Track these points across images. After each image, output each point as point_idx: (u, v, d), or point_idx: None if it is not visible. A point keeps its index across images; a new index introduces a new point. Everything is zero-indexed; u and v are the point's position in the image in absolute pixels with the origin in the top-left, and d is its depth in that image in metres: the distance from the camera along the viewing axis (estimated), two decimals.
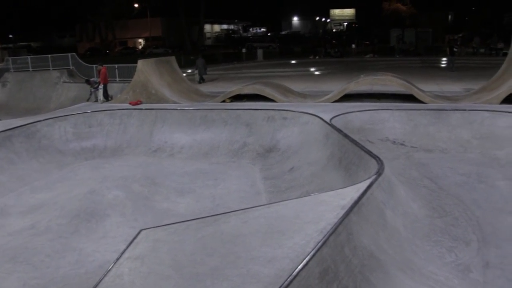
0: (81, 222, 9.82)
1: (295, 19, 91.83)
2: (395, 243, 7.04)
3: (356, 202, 6.59)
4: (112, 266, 5.80)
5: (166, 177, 12.41)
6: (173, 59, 21.87)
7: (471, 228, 8.23)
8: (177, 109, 16.14)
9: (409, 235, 7.51)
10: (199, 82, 28.73)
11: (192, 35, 62.01)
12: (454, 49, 34.77)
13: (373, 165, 8.52)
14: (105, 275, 5.65)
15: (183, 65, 29.69)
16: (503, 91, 16.11)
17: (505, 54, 20.22)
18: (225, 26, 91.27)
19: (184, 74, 25.60)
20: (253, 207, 6.86)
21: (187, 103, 17.98)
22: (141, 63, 19.26)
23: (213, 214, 7.45)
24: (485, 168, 11.05)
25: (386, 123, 13.36)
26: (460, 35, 54.11)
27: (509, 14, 63.97)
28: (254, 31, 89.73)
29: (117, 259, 5.96)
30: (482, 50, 41.44)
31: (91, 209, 10.23)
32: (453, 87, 21.42)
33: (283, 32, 77.89)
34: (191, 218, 7.20)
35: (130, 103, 17.61)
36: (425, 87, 19.60)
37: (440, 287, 6.48)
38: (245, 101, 18.12)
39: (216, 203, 10.77)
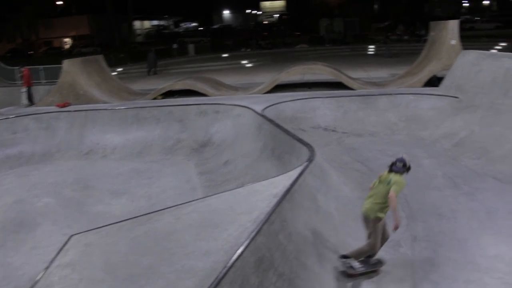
0: (8, 235, 9.34)
1: (226, 12, 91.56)
2: (329, 227, 7.22)
3: (288, 190, 6.69)
4: (41, 276, 5.58)
5: (99, 180, 12.06)
6: (101, 58, 21.21)
7: (400, 206, 8.52)
8: (107, 109, 15.69)
9: (342, 217, 7.73)
10: (148, 74, 29.59)
11: (121, 33, 60.32)
12: (390, 37, 36.16)
13: (305, 153, 8.68)
14: (33, 286, 5.42)
15: (113, 64, 28.86)
16: (424, 75, 16.93)
17: (426, 41, 21.18)
18: (155, 22, 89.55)
19: (115, 73, 24.93)
20: (186, 202, 6.81)
21: (118, 102, 17.53)
22: (67, 64, 18.54)
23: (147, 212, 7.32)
24: (411, 148, 11.54)
25: (317, 111, 13.64)
26: (386, 23, 55.97)
27: (429, 3, 67.27)
28: (186, 26, 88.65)
29: (46, 268, 5.73)
30: (406, 37, 43.13)
31: (19, 220, 9.77)
32: (380, 73, 22.19)
33: (215, 26, 77.35)
34: (125, 219, 7.05)
35: (57, 106, 16.91)
36: (354, 74, 20.19)
37: None
38: (177, 97, 17.91)
39: (152, 202, 10.59)
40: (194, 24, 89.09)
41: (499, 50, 31.09)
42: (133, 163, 13.31)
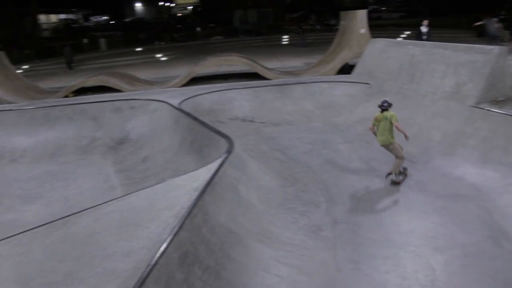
0: None
1: (138, 5, 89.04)
2: (251, 216, 7.29)
3: (209, 183, 6.66)
4: None
5: (9, 185, 11.31)
6: (2, 54, 19.84)
7: (319, 191, 8.85)
8: (13, 110, 14.72)
9: (264, 206, 7.83)
10: (70, 69, 28.58)
11: (25, 27, 56.67)
12: (304, 27, 36.95)
13: (224, 144, 8.68)
14: None
15: (18, 61, 27.13)
16: (337, 63, 17.55)
17: (337, 30, 21.91)
18: (63, 16, 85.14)
19: (20, 71, 23.47)
20: (104, 202, 6.55)
21: (25, 101, 16.51)
22: None
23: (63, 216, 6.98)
24: (327, 135, 11.95)
25: (234, 102, 13.68)
26: (299, 13, 57.12)
27: None
28: (96, 19, 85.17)
29: None
30: (318, 27, 44.34)
31: None
32: (294, 62, 22.66)
33: (127, 19, 74.96)
34: (39, 225, 6.67)
35: None
36: (269, 64, 20.47)
37: (297, 250, 6.89)
38: (90, 94, 17.21)
39: (68, 205, 10.10)
40: (105, 17, 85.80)
41: (404, 38, 32.84)
42: (45, 165, 12.60)
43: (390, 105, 8.92)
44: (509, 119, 9.74)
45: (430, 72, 12.24)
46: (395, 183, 9.01)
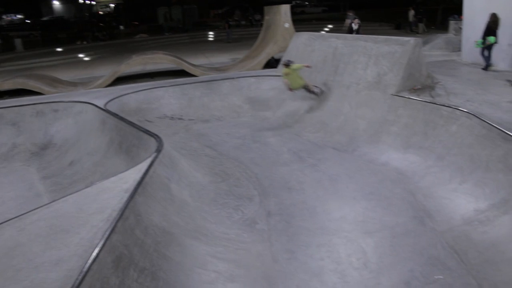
0: None
1: (56, 3, 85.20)
2: (185, 214, 7.22)
3: (139, 183, 6.53)
4: None
5: None
6: None
7: (252, 185, 8.93)
8: None
9: (197, 203, 7.79)
10: None
11: None
12: (230, 23, 36.92)
13: (153, 144, 8.53)
14: None
15: None
16: (263, 58, 17.75)
17: (262, 25, 22.14)
18: None
19: None
20: (29, 211, 6.24)
21: None
22: None
23: None
24: (257, 129, 12.05)
25: (162, 100, 13.46)
26: (224, 9, 57.08)
27: None
28: (9, 18, 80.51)
29: None
30: (243, 22, 44.59)
31: None
32: (221, 58, 22.67)
33: (45, 18, 71.51)
34: None
35: None
36: (196, 61, 20.35)
37: (233, 244, 6.92)
38: (6, 98, 16.29)
39: None
40: (19, 16, 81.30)
41: (326, 31, 33.78)
42: None
43: (293, 62, 12.00)
44: (427, 106, 10.29)
45: (353, 64, 12.67)
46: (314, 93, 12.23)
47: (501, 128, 8.36)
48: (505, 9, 13.88)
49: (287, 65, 11.81)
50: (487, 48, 14.09)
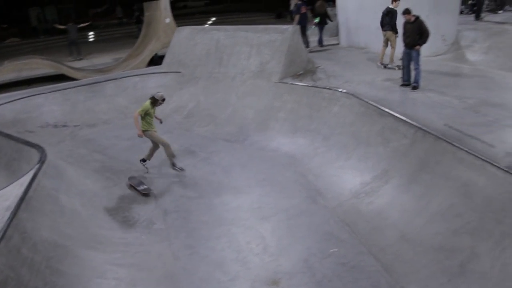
0: None
1: None
2: (77, 224, 6.91)
3: (22, 199, 6.12)
4: None
5: None
6: None
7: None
8: None
9: (90, 211, 7.49)
10: None
11: None
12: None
13: (35, 155, 8.02)
14: None
15: None
16: (146, 55, 17.43)
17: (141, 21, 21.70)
18: None
19: None
20: None
21: None
22: None
23: None
24: None
25: (42, 108, 12.63)
26: (104, 7, 54.79)
27: None
28: None
29: None
30: (125, 20, 43.21)
31: None
32: (104, 59, 21.81)
33: None
34: None
35: None
36: (76, 64, 19.45)
37: (131, 248, 6.76)
38: None
39: None
40: None
41: (210, 24, 33.89)
42: None
43: (158, 97, 8.96)
44: (309, 90, 10.76)
45: (236, 55, 12.85)
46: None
47: (376, 105, 8.99)
48: None
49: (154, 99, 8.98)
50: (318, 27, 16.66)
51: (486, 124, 7.88)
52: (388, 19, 12.15)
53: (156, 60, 17.58)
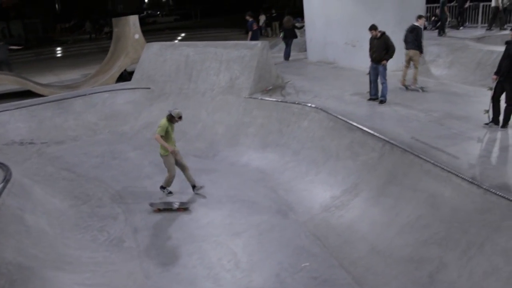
0: None
1: None
2: (44, 245, 6.75)
3: None
4: None
5: None
6: None
7: (115, 203, 8.66)
8: None
9: (57, 231, 7.33)
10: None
11: None
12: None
13: None
14: None
15: None
16: (115, 71, 17.28)
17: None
18: None
19: None
20: None
21: None
22: None
23: None
24: (116, 145, 11.67)
25: (7, 125, 12.31)
26: (72, 22, 54.15)
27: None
28: None
29: None
30: (94, 35, 42.90)
31: None
32: (72, 75, 21.48)
33: None
34: None
35: None
36: (43, 80, 19.11)
37: (101, 268, 6.62)
38: None
39: None
40: None
41: (180, 40, 33.88)
42: None
43: (174, 114, 8.57)
44: (279, 105, 10.86)
45: (206, 70, 12.88)
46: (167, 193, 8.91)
47: (345, 119, 9.14)
48: (338, 12, 15.15)
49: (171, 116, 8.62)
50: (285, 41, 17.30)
51: (450, 136, 8.08)
52: (412, 37, 11.41)
53: (126, 76, 17.45)
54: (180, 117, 8.61)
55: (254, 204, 8.31)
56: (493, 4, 17.89)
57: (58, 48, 36.50)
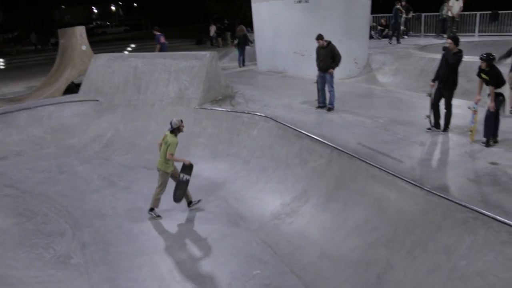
0: None
1: None
2: None
3: None
4: None
5: None
6: None
7: (62, 219, 8.39)
8: None
9: None
10: None
11: None
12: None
13: None
14: None
15: None
16: (62, 83, 16.86)
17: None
18: None
19: None
20: None
21: None
22: None
23: None
24: (63, 159, 11.35)
25: None
26: (15, 33, 52.38)
27: (59, 10, 66.59)
28: None
29: None
30: (39, 47, 41.72)
31: None
32: (15, 88, 20.73)
33: None
34: None
35: None
36: None
37: (46, 287, 6.40)
38: None
39: None
40: None
41: (130, 51, 33.46)
42: None
43: (176, 126, 8.18)
44: (229, 114, 10.90)
45: (155, 81, 12.78)
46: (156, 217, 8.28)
47: (294, 127, 9.28)
48: (287, 23, 15.40)
49: (170, 129, 8.25)
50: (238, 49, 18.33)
51: (395, 141, 8.35)
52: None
53: (73, 88, 17.02)
54: (181, 122, 8.32)
55: (205, 214, 8.29)
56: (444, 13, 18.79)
57: (0, 60, 35.19)
